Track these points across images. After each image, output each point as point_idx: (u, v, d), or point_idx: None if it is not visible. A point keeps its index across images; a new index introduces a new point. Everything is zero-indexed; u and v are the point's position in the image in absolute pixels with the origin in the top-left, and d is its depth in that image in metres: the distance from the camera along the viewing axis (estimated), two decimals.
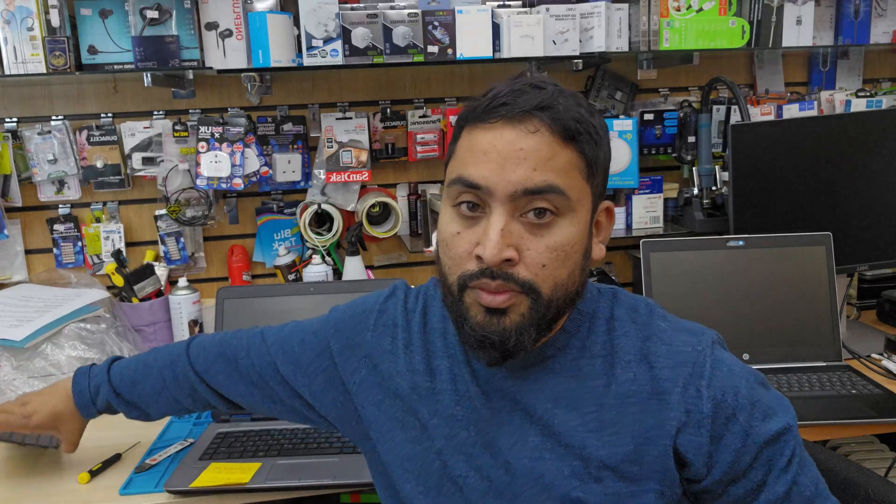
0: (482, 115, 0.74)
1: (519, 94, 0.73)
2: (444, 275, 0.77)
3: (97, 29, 1.65)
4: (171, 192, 1.79)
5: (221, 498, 1.14)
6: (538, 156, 0.71)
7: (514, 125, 0.72)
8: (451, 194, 0.76)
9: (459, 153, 0.77)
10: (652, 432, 0.76)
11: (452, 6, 1.65)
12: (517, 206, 0.72)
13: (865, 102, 1.99)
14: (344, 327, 0.92)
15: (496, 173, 0.71)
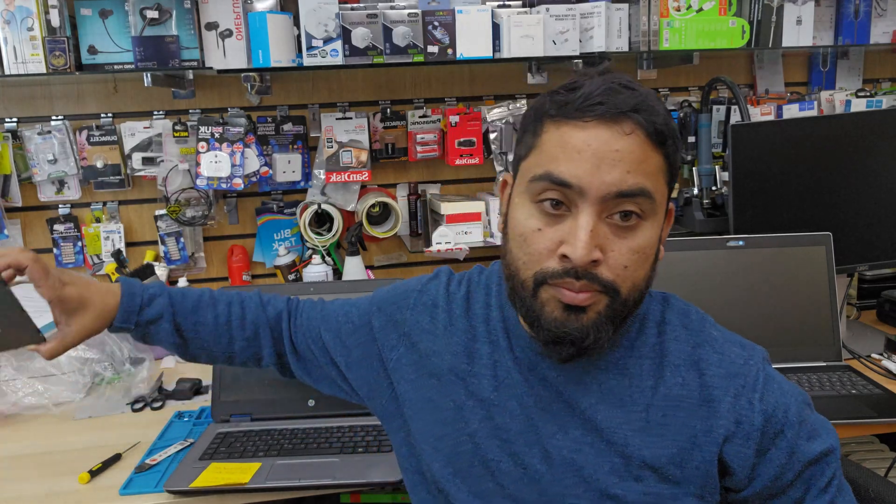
0: (575, 112, 0.72)
1: (613, 94, 0.71)
2: (516, 269, 0.76)
3: (97, 29, 1.65)
4: (171, 192, 1.79)
5: (221, 498, 1.14)
6: (632, 158, 0.71)
7: (610, 125, 0.71)
8: (533, 190, 0.74)
9: (546, 148, 0.74)
10: (699, 438, 0.77)
11: (452, 6, 1.65)
12: (605, 208, 0.71)
13: (865, 102, 1.99)
14: (385, 305, 0.93)
15: (590, 173, 0.70)
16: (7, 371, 1.46)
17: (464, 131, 1.86)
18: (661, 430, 0.78)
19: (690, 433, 0.77)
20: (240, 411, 1.36)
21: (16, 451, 1.30)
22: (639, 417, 0.78)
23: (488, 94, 1.93)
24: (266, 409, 1.36)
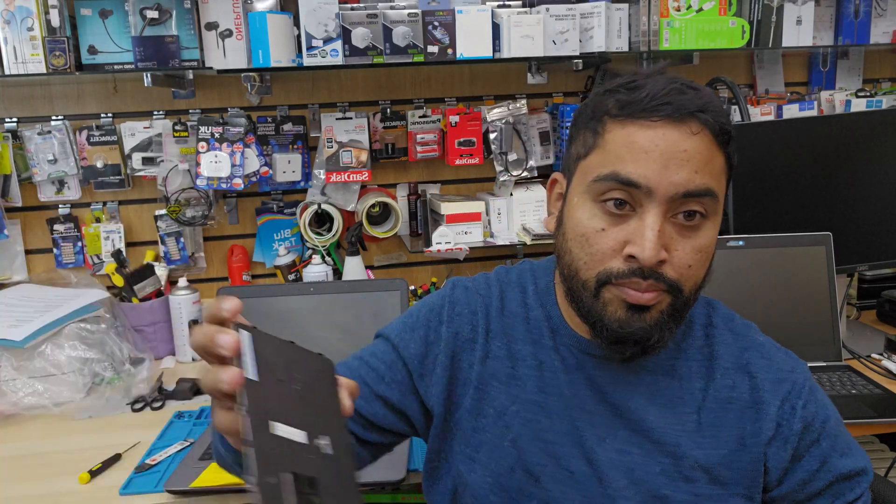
0: (641, 111, 0.71)
1: (679, 94, 0.71)
2: (576, 269, 0.75)
3: (97, 29, 1.65)
4: (171, 192, 1.79)
5: (221, 498, 1.14)
6: (700, 158, 0.71)
7: (678, 125, 0.70)
8: (596, 189, 0.73)
9: (611, 148, 0.73)
10: (748, 440, 0.78)
11: (452, 6, 1.65)
12: (671, 207, 0.71)
13: (865, 102, 1.99)
14: (412, 333, 0.87)
15: (658, 174, 0.70)
16: (7, 371, 1.46)
17: (464, 131, 1.86)
18: (713, 431, 0.79)
19: (739, 434, 0.78)
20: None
21: (16, 451, 1.30)
22: (690, 419, 0.79)
23: (488, 94, 1.93)
24: None
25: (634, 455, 0.78)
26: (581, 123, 0.78)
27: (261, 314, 1.42)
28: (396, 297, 1.42)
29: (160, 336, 1.71)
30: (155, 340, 1.70)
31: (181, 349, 1.70)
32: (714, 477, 0.78)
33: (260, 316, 1.42)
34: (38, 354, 1.48)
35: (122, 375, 1.54)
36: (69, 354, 1.50)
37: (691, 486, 0.77)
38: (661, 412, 0.79)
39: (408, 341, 0.86)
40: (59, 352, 1.50)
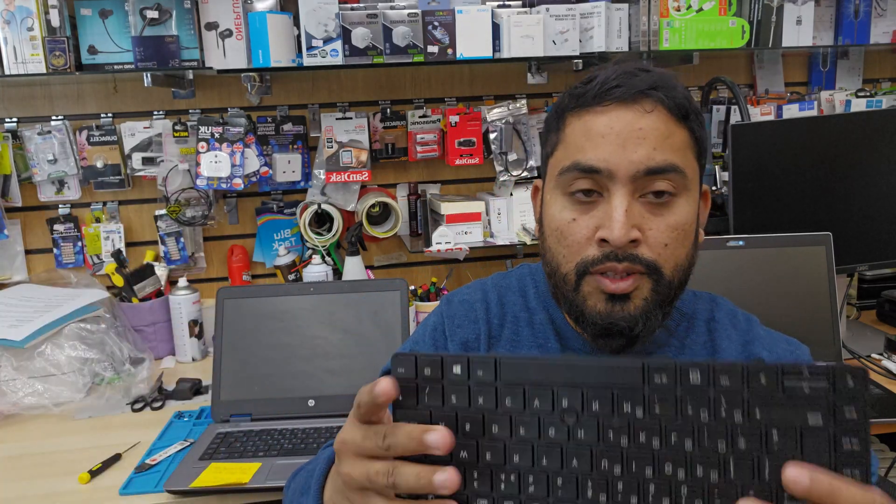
0: (593, 99, 0.72)
1: (630, 77, 0.72)
2: (557, 264, 0.75)
3: (97, 29, 1.65)
4: (171, 192, 1.79)
5: (221, 498, 1.14)
6: (657, 135, 0.71)
7: (630, 106, 0.71)
8: (563, 183, 0.74)
9: (571, 140, 0.74)
10: None
11: (452, 6, 1.65)
12: (637, 187, 0.71)
13: (865, 102, 1.99)
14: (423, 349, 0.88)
15: (616, 155, 0.70)
16: (7, 371, 1.46)
17: (464, 131, 1.86)
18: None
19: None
20: (240, 411, 1.36)
21: (16, 451, 1.30)
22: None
23: (488, 94, 1.93)
24: (266, 409, 1.36)
25: None
26: (548, 125, 0.80)
27: (261, 315, 1.42)
28: (396, 297, 1.42)
29: (160, 336, 1.71)
30: (155, 340, 1.70)
31: (181, 349, 1.70)
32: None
33: (260, 316, 1.42)
34: (38, 354, 1.48)
35: (122, 375, 1.54)
36: (69, 354, 1.50)
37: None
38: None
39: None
40: (59, 352, 1.50)
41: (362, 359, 1.39)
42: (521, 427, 0.46)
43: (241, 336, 1.41)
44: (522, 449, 0.46)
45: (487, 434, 0.47)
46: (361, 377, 1.38)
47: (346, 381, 1.38)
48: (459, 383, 0.47)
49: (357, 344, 1.40)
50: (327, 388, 1.38)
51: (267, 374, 1.38)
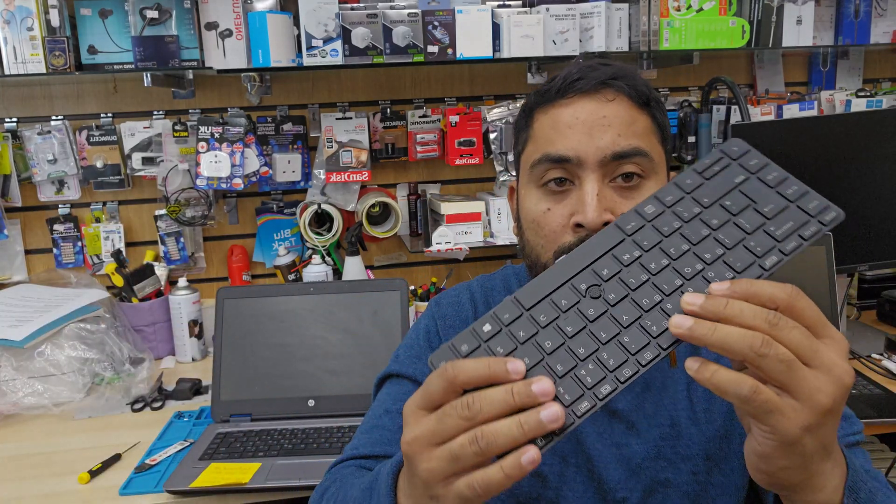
0: (557, 94, 0.76)
1: (591, 70, 0.76)
2: (536, 255, 0.78)
3: (97, 29, 1.65)
4: (170, 192, 1.79)
5: (221, 498, 1.14)
6: (620, 121, 0.74)
7: (592, 96, 0.75)
8: (535, 175, 0.77)
9: (539, 134, 0.78)
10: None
11: (452, 6, 1.65)
12: (606, 172, 0.74)
13: (865, 102, 1.99)
14: (421, 361, 0.86)
15: (584, 143, 0.73)
16: (7, 371, 1.46)
17: (464, 131, 1.86)
18: (706, 406, 0.79)
19: (731, 407, 0.79)
20: (240, 411, 1.36)
21: (16, 451, 1.30)
22: (681, 397, 0.80)
23: (488, 94, 1.93)
24: (266, 409, 1.36)
25: (633, 446, 0.79)
26: (517, 125, 0.83)
27: (261, 315, 1.42)
28: (396, 297, 1.42)
29: (160, 336, 1.71)
30: (155, 340, 1.70)
31: (181, 349, 1.70)
32: (711, 454, 0.78)
33: (260, 316, 1.42)
34: (37, 354, 1.48)
35: (121, 375, 1.54)
36: (69, 354, 1.50)
37: (690, 464, 0.78)
38: (655, 397, 0.80)
39: (422, 370, 0.85)
40: (58, 352, 1.50)
41: (362, 359, 1.39)
42: (567, 325, 0.49)
43: (241, 336, 1.41)
44: (583, 340, 0.49)
45: (546, 351, 0.49)
46: (361, 377, 1.38)
47: (346, 381, 1.38)
48: (497, 334, 0.50)
49: (357, 344, 1.40)
50: (327, 388, 1.38)
51: (267, 374, 1.38)
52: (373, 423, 0.82)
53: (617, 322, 0.49)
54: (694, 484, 0.78)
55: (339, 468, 0.77)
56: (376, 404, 0.85)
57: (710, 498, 0.78)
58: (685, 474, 0.78)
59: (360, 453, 0.78)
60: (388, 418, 0.81)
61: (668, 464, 0.78)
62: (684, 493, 0.78)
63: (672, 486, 0.77)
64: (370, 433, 0.80)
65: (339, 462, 0.79)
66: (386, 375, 0.88)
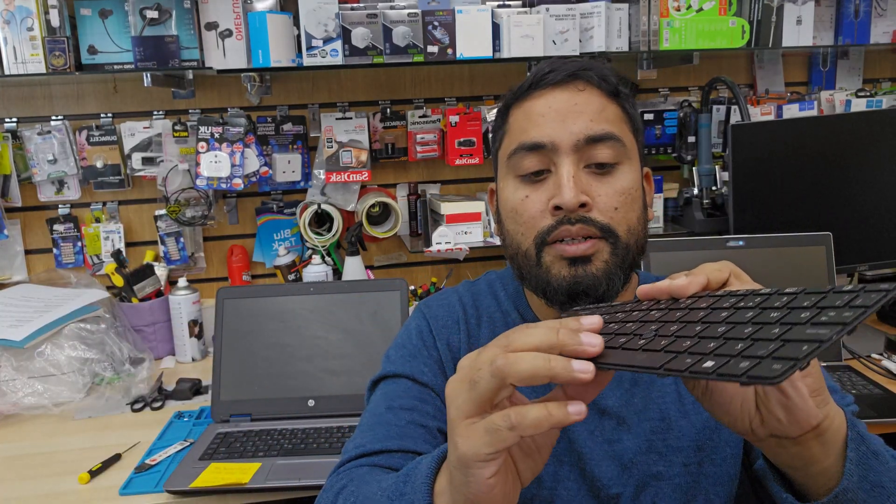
0: (530, 88, 0.79)
1: (560, 64, 0.79)
2: (517, 244, 0.79)
3: (97, 29, 1.65)
4: (170, 192, 1.79)
5: (221, 498, 1.14)
6: (591, 108, 0.76)
7: (563, 87, 0.78)
8: (512, 166, 0.79)
9: (514, 127, 0.80)
10: None
11: (452, 6, 1.65)
12: (581, 157, 0.76)
13: (865, 102, 1.99)
14: (416, 360, 0.86)
15: (557, 129, 0.76)
16: (7, 371, 1.46)
17: (464, 131, 1.86)
18: (694, 398, 0.79)
19: None
20: (240, 411, 1.36)
21: (16, 451, 1.30)
22: (669, 390, 0.80)
23: (488, 94, 1.93)
24: (266, 409, 1.36)
25: (625, 442, 0.79)
26: (495, 125, 0.87)
27: (261, 315, 1.42)
28: (396, 297, 1.42)
29: (160, 336, 1.71)
30: (155, 340, 1.70)
31: (181, 349, 1.70)
32: (701, 444, 0.79)
33: (260, 316, 1.42)
34: (37, 354, 1.48)
35: (121, 375, 1.54)
36: (69, 354, 1.50)
37: (682, 456, 0.78)
38: (643, 392, 0.81)
39: (420, 368, 0.85)
40: (58, 352, 1.50)
41: (362, 359, 1.39)
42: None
43: (241, 336, 1.41)
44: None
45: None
46: (361, 377, 1.38)
47: (346, 381, 1.38)
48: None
49: (357, 344, 1.40)
50: (327, 388, 1.38)
51: (267, 375, 1.38)
52: (375, 421, 0.81)
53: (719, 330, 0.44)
54: (686, 476, 0.78)
55: (350, 467, 0.75)
56: (374, 404, 0.84)
57: (703, 489, 0.79)
58: (677, 466, 0.78)
59: (368, 450, 0.76)
60: (392, 414, 0.80)
61: (660, 457, 0.78)
62: (677, 486, 0.78)
63: (664, 480, 0.78)
64: (374, 430, 0.79)
65: (346, 462, 0.77)
66: (380, 377, 0.87)
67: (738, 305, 0.47)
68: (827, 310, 0.40)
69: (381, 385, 0.86)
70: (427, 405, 0.81)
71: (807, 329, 0.39)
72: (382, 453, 0.76)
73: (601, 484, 0.78)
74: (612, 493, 0.78)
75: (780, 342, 0.39)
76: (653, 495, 0.78)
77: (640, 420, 0.79)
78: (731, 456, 0.79)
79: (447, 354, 0.86)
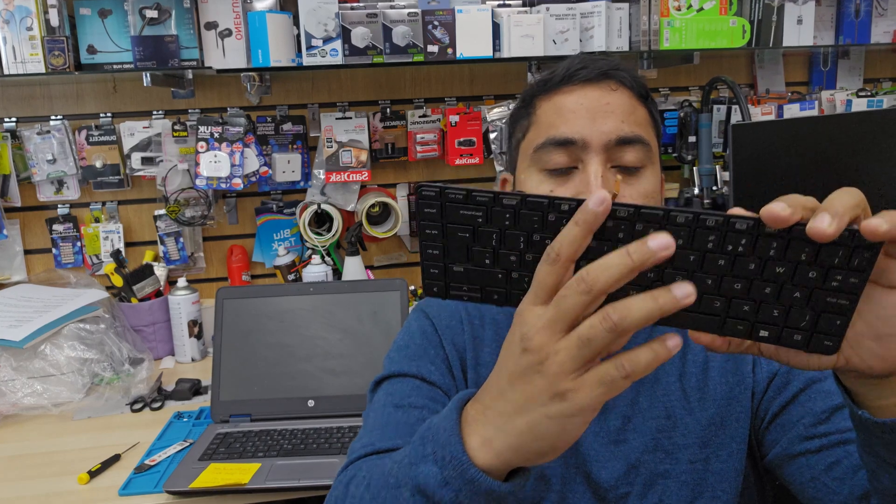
0: (560, 82, 0.78)
1: (593, 61, 0.78)
2: None
3: (96, 28, 1.65)
4: (170, 192, 1.78)
5: (221, 498, 1.13)
6: (623, 109, 0.76)
7: (596, 85, 0.77)
8: (538, 159, 0.78)
9: (542, 119, 0.79)
10: (735, 390, 0.79)
11: (452, 6, 1.65)
12: (609, 157, 0.75)
13: (866, 102, 1.99)
14: (422, 360, 0.84)
15: (588, 126, 0.75)
16: (6, 371, 1.46)
17: (464, 131, 1.85)
18: (699, 395, 0.80)
19: (726, 390, 0.80)
20: (239, 412, 1.36)
21: (15, 451, 1.29)
22: (674, 388, 0.80)
23: (488, 94, 1.93)
24: (266, 410, 1.36)
25: (631, 441, 0.79)
26: (516, 115, 0.85)
27: (260, 315, 1.42)
28: (396, 297, 1.42)
29: (159, 336, 1.71)
30: (154, 340, 1.70)
31: (180, 349, 1.70)
32: (707, 441, 0.79)
33: (260, 316, 1.42)
34: (37, 355, 1.48)
35: (121, 376, 1.53)
36: (68, 355, 1.50)
37: (688, 453, 0.78)
38: (648, 390, 0.80)
39: (427, 367, 0.83)
40: (58, 352, 1.50)
41: (362, 359, 1.39)
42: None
43: (241, 336, 1.41)
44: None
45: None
46: (361, 377, 1.38)
47: (345, 382, 1.38)
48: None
49: (357, 344, 1.40)
50: (327, 388, 1.38)
51: (266, 375, 1.38)
52: (384, 420, 0.78)
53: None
54: (692, 473, 0.78)
55: (358, 463, 0.72)
56: (379, 404, 0.82)
57: (709, 485, 0.78)
58: (683, 464, 0.78)
59: (377, 448, 0.73)
60: (402, 413, 0.77)
61: (666, 455, 0.78)
62: (683, 483, 0.78)
63: (671, 478, 0.78)
64: (384, 429, 0.76)
65: (353, 461, 0.74)
66: (384, 377, 0.84)
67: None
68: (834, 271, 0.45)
69: (384, 385, 0.84)
70: (437, 404, 0.79)
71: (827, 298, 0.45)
72: (392, 451, 0.72)
73: (609, 484, 0.78)
74: (620, 493, 0.78)
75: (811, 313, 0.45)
76: (660, 493, 0.78)
77: (646, 419, 0.79)
78: (737, 451, 0.79)
79: (454, 354, 0.84)
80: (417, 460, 0.54)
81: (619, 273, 0.43)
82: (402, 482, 0.55)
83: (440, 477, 0.51)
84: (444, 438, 0.52)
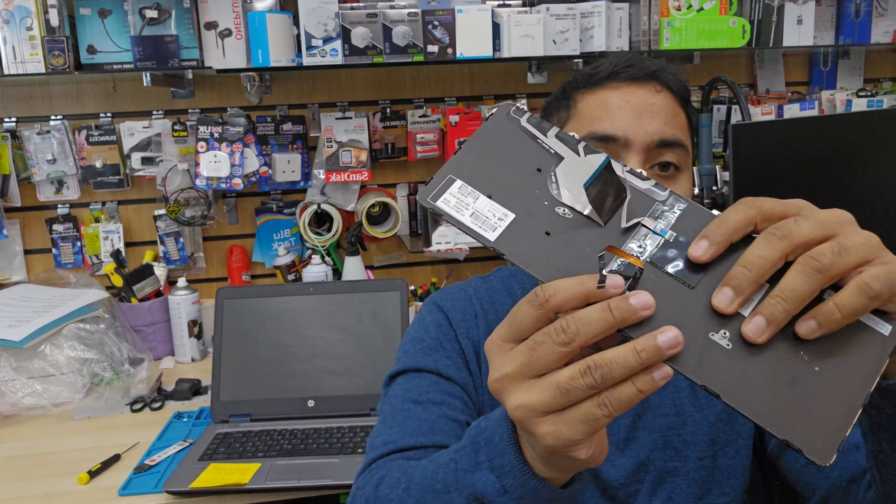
0: (607, 77, 0.78)
1: (640, 60, 0.79)
2: None
3: (96, 28, 1.65)
4: (170, 192, 1.78)
5: (221, 498, 1.13)
6: (667, 112, 0.77)
7: (643, 84, 0.77)
8: None
9: (584, 113, 0.79)
10: None
11: (452, 6, 1.65)
12: (648, 157, 0.75)
13: (866, 102, 1.99)
14: (437, 354, 0.82)
15: (633, 125, 0.75)
16: (6, 371, 1.46)
17: (464, 131, 1.85)
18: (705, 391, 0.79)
19: None
20: (239, 412, 1.36)
21: (15, 451, 1.29)
22: (685, 385, 0.80)
23: (488, 94, 1.93)
24: (266, 410, 1.36)
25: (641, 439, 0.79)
26: (553, 104, 0.84)
27: (260, 315, 1.42)
28: (396, 297, 1.42)
29: (159, 336, 1.71)
30: (154, 340, 1.70)
31: (180, 349, 1.70)
32: (715, 438, 0.79)
33: (260, 316, 1.42)
34: (37, 355, 1.48)
35: (121, 376, 1.53)
36: (68, 355, 1.50)
37: (696, 450, 0.78)
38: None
39: (444, 362, 0.81)
40: (58, 352, 1.50)
41: (362, 359, 1.39)
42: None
43: (241, 336, 1.41)
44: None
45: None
46: (361, 377, 1.38)
47: (345, 382, 1.38)
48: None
49: (357, 344, 1.40)
50: (327, 388, 1.38)
51: (266, 375, 1.38)
52: (403, 416, 0.76)
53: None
54: (701, 470, 0.78)
55: (383, 462, 0.70)
56: (396, 398, 0.80)
57: (717, 482, 0.78)
58: (692, 461, 0.78)
59: (399, 446, 0.71)
60: (422, 409, 0.76)
61: (675, 452, 0.78)
62: (692, 480, 0.78)
63: (680, 475, 0.78)
64: (403, 425, 0.74)
65: (375, 459, 0.71)
66: (399, 371, 0.83)
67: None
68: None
69: (400, 379, 0.82)
70: (455, 399, 0.79)
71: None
72: (415, 449, 0.72)
73: (618, 483, 0.78)
74: (630, 491, 0.78)
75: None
76: (668, 491, 0.78)
77: (656, 416, 0.79)
78: (745, 447, 0.79)
79: (469, 348, 0.83)
80: (471, 467, 0.53)
81: (599, 329, 0.41)
82: (453, 488, 0.54)
83: (499, 485, 0.50)
84: (500, 447, 0.51)
